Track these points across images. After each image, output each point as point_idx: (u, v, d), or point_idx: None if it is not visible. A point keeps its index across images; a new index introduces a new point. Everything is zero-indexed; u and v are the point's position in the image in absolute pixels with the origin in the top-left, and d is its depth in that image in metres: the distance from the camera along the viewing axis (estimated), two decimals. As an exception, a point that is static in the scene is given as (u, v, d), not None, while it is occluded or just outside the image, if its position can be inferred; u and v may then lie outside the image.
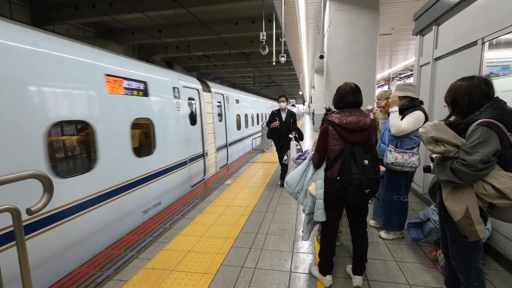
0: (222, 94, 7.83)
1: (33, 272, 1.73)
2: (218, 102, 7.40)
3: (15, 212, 1.26)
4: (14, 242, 1.30)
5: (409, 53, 13.78)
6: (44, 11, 9.70)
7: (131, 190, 3.58)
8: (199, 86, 6.04)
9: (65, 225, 2.65)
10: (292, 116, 4.85)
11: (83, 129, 3.02)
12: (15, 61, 2.33)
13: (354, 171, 1.81)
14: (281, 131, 4.76)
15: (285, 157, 4.40)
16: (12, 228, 1.30)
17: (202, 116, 6.04)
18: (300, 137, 4.55)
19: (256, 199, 4.27)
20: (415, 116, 2.48)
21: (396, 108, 2.58)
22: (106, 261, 2.61)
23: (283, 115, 4.83)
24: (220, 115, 7.58)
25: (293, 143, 4.35)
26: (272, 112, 4.99)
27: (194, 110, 5.70)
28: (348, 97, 1.97)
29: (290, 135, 4.39)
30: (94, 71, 3.15)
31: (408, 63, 16.26)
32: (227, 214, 3.69)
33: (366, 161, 1.83)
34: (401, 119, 2.56)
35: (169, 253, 2.70)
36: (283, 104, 4.82)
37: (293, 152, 4.24)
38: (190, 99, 5.49)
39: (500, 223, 2.32)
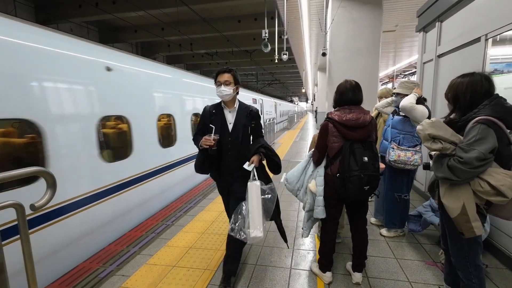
0: None
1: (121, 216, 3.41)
2: None
3: (19, 208, 1.29)
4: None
5: (413, 50, 13.64)
6: (48, 9, 9.78)
7: None
8: None
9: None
10: (251, 119, 2.17)
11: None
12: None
13: (354, 168, 1.81)
14: (225, 156, 2.13)
15: (234, 223, 1.90)
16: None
17: None
18: (273, 167, 2.18)
19: (258, 196, 4.28)
20: (422, 108, 2.47)
21: (417, 96, 2.51)
22: (109, 257, 2.65)
23: (229, 118, 2.15)
24: None
25: (254, 185, 1.93)
26: (204, 110, 2.20)
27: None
28: (348, 94, 1.97)
29: (246, 166, 1.99)
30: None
31: (412, 60, 16.09)
32: (229, 211, 3.71)
33: (366, 158, 1.83)
34: (405, 115, 2.56)
35: (171, 249, 2.73)
36: (225, 92, 2.06)
37: (255, 207, 1.91)
38: None
39: (501, 221, 2.31)
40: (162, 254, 2.66)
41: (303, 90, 36.02)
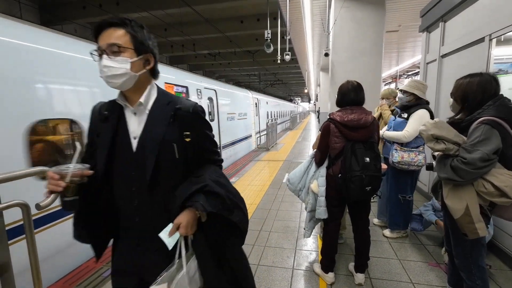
0: None
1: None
2: None
3: (24, 208, 1.31)
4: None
5: (417, 50, 13.56)
6: (53, 10, 9.88)
7: None
8: None
9: None
10: (182, 127, 1.01)
11: None
12: None
13: (355, 168, 1.81)
14: (127, 209, 1.02)
15: None
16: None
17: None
18: (227, 234, 1.04)
19: (260, 197, 4.29)
20: (418, 117, 2.46)
21: (383, 130, 2.74)
22: (113, 256, 2.67)
23: (133, 127, 1.01)
24: None
25: None
26: (92, 112, 1.08)
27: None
28: (349, 95, 1.97)
29: (163, 235, 0.92)
30: None
31: (415, 60, 16.00)
32: (231, 211, 3.72)
33: (367, 159, 1.83)
34: (407, 117, 2.55)
35: (174, 249, 2.74)
36: (112, 68, 0.92)
37: None
38: None
39: (505, 222, 2.30)
40: (165, 253, 2.67)
41: (306, 91, 35.97)
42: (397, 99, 2.96)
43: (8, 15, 2.58)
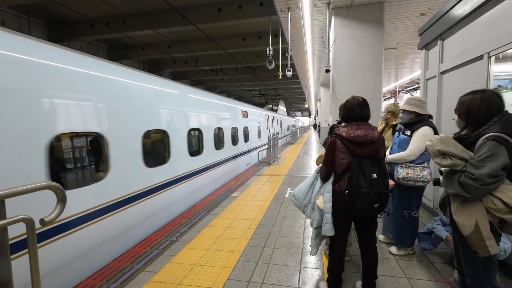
0: None
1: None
2: None
3: (29, 222, 1.30)
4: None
5: (415, 67, 13.85)
6: (61, 28, 10.18)
7: None
8: None
9: None
10: None
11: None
12: None
13: (363, 185, 1.80)
14: None
15: None
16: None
17: None
18: None
19: (263, 212, 4.24)
20: (420, 135, 2.47)
21: (386, 155, 2.71)
22: (113, 274, 2.61)
23: None
24: None
25: None
26: None
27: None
28: (355, 111, 1.99)
29: None
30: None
31: (414, 76, 16.31)
32: (234, 227, 3.66)
33: (375, 175, 1.82)
34: (410, 134, 2.56)
35: (175, 266, 2.68)
36: None
37: None
38: None
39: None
40: (166, 271, 2.61)
41: (306, 105, 36.37)
42: (399, 118, 2.97)
43: (17, 31, 2.63)
